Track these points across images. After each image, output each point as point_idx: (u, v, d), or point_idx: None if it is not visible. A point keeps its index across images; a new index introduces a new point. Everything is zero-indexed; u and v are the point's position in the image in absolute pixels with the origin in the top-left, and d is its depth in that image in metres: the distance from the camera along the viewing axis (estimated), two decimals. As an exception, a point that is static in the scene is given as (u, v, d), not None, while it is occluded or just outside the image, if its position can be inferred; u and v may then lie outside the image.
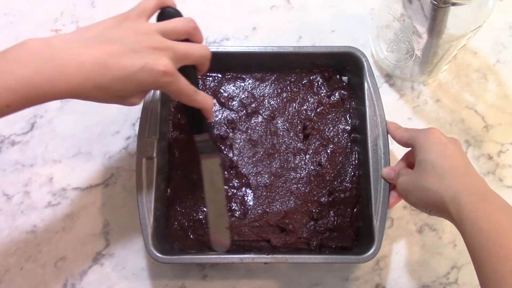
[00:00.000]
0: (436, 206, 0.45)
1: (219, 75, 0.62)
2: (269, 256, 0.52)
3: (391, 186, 0.53)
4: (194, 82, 0.47)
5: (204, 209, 0.56)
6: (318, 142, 0.59)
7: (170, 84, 0.43)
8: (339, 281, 0.58)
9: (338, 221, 0.56)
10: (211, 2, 0.69)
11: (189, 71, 0.46)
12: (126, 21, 0.43)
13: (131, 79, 0.41)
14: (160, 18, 0.46)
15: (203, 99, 0.48)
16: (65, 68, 0.39)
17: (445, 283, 0.58)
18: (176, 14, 0.47)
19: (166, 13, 0.46)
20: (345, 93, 0.61)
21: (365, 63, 0.57)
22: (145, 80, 0.42)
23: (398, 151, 0.60)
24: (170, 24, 0.45)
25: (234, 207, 0.57)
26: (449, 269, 0.58)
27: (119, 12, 0.43)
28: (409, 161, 0.52)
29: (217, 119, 0.60)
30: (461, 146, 0.48)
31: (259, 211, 0.56)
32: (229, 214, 0.56)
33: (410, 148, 0.52)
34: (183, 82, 0.45)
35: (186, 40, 0.46)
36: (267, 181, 0.58)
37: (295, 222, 0.56)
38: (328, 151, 0.59)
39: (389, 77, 0.65)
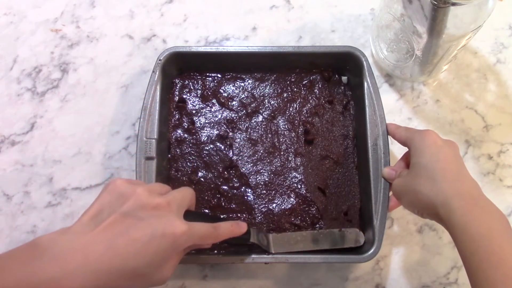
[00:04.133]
0: (427, 210, 0.45)
1: (219, 75, 0.61)
2: (269, 256, 0.52)
3: (391, 186, 0.53)
4: (202, 219, 0.43)
5: (204, 210, 0.57)
6: (317, 142, 0.59)
7: (189, 239, 0.40)
8: (339, 281, 0.58)
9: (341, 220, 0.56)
10: (211, 2, 0.69)
11: (189, 213, 0.43)
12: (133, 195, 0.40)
13: (146, 251, 0.37)
14: None
15: (226, 228, 0.45)
16: (68, 265, 0.35)
17: (445, 283, 0.58)
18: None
19: None
20: (345, 93, 0.61)
21: (365, 63, 0.57)
22: (161, 248, 0.38)
23: (398, 151, 0.60)
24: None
25: (235, 207, 0.57)
26: (449, 269, 0.58)
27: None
28: (408, 161, 0.52)
29: (216, 119, 0.60)
30: (458, 149, 0.48)
31: (262, 209, 0.56)
32: (232, 213, 0.56)
33: (409, 148, 0.52)
34: (199, 228, 0.41)
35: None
36: (267, 179, 0.58)
37: (301, 220, 0.56)
38: (328, 151, 0.59)
39: (389, 77, 0.65)
